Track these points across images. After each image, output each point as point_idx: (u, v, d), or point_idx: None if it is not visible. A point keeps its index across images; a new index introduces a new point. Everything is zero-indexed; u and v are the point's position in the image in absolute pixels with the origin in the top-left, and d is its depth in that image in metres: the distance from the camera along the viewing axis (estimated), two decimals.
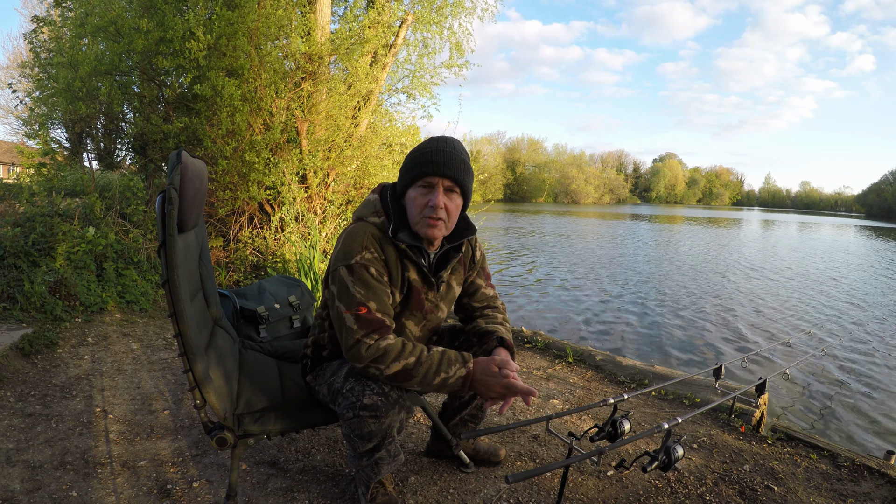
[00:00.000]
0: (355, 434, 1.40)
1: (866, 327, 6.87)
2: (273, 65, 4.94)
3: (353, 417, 1.37)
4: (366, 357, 1.31)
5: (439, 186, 1.38)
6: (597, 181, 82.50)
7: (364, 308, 1.34)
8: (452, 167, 1.38)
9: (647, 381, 2.93)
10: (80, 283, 3.47)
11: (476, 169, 1.51)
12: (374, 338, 1.32)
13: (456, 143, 1.42)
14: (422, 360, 1.33)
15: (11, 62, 16.54)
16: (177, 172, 1.27)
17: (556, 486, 1.80)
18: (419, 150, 1.42)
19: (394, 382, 1.36)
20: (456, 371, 1.34)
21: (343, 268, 1.38)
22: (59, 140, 6.29)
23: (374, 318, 1.34)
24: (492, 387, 1.34)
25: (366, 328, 1.33)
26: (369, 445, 1.43)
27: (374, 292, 1.36)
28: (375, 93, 5.75)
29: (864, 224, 49.97)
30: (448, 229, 1.46)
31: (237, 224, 5.15)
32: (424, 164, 1.38)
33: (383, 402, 1.36)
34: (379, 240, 1.42)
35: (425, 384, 1.34)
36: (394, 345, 1.33)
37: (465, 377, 1.35)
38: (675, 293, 8.52)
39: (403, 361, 1.32)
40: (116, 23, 4.45)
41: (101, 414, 2.16)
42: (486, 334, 1.57)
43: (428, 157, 1.38)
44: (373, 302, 1.35)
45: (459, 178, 1.39)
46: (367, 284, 1.36)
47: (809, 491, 1.88)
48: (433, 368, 1.33)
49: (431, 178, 1.38)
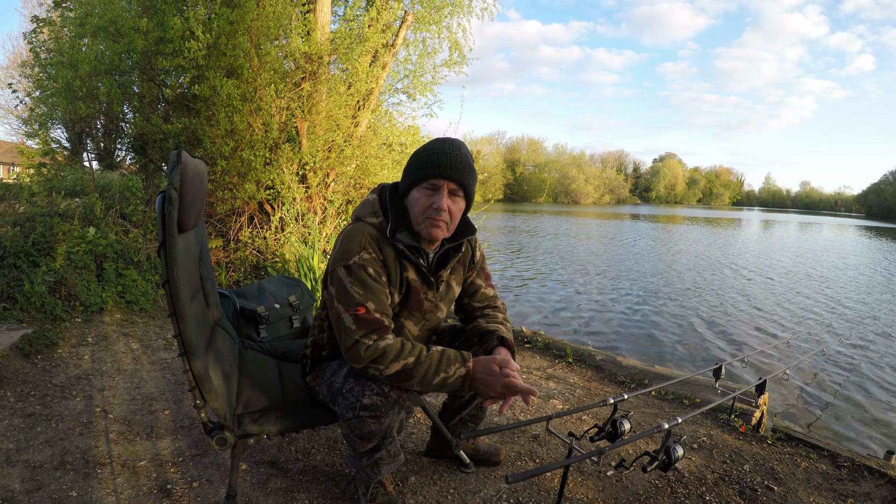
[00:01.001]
0: (355, 434, 1.40)
1: (867, 327, 6.87)
2: (273, 65, 4.94)
3: (353, 418, 1.37)
4: (364, 357, 1.31)
5: (444, 189, 1.39)
6: (597, 181, 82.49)
7: (362, 308, 1.34)
8: (458, 170, 1.38)
9: (647, 381, 2.93)
10: (80, 283, 3.47)
11: (476, 169, 1.51)
12: (373, 338, 1.32)
13: (462, 146, 1.42)
14: (421, 360, 1.33)
15: (11, 62, 16.55)
16: (177, 172, 1.27)
17: (556, 486, 1.80)
18: (425, 152, 1.41)
19: (393, 383, 1.35)
20: (456, 370, 1.34)
21: (341, 268, 1.38)
22: (59, 140, 6.29)
23: (373, 319, 1.34)
24: (492, 386, 1.34)
25: (364, 328, 1.33)
26: (369, 445, 1.43)
27: (372, 292, 1.36)
28: (375, 92, 5.75)
29: (864, 224, 49.96)
30: (450, 231, 1.46)
31: (237, 224, 5.14)
32: (430, 166, 1.38)
33: (383, 402, 1.36)
34: (377, 240, 1.42)
35: (425, 384, 1.34)
36: (392, 345, 1.33)
37: (465, 376, 1.34)
38: (676, 293, 8.52)
39: (403, 361, 1.32)
40: (116, 22, 4.45)
41: (101, 414, 2.16)
42: (486, 334, 1.57)
43: (434, 158, 1.38)
44: (371, 302, 1.35)
45: (464, 182, 1.40)
46: (366, 285, 1.36)
47: (809, 491, 1.88)
48: (433, 368, 1.33)
49: (437, 180, 1.38)
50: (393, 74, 6.14)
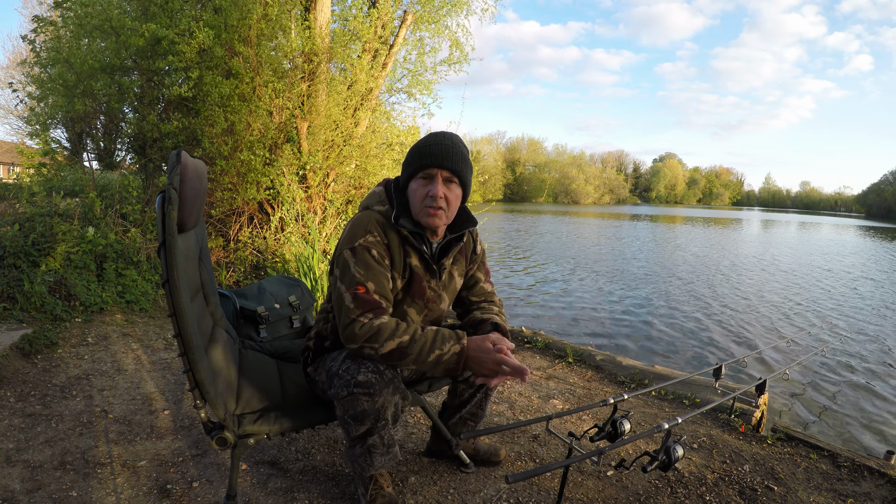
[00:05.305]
0: (349, 415, 1.40)
1: (867, 327, 6.87)
2: (272, 65, 4.93)
3: (347, 395, 1.37)
4: (360, 336, 1.33)
5: (438, 177, 1.44)
6: (597, 181, 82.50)
7: (362, 288, 1.38)
8: (450, 158, 1.43)
9: (647, 381, 2.93)
10: (80, 283, 3.47)
11: (476, 169, 1.51)
12: (369, 317, 1.35)
13: (454, 137, 1.48)
14: (416, 338, 1.35)
15: (11, 62, 16.56)
16: (176, 172, 1.27)
17: (556, 486, 1.80)
18: (419, 145, 1.47)
19: (389, 362, 1.37)
20: (450, 348, 1.36)
21: (347, 250, 1.43)
22: (59, 140, 6.28)
23: (371, 299, 1.37)
24: (484, 363, 1.35)
25: (362, 308, 1.36)
26: (362, 429, 1.42)
27: (373, 273, 1.40)
28: (375, 92, 5.75)
29: (864, 224, 49.95)
30: (449, 219, 1.51)
31: (237, 224, 5.14)
32: (423, 157, 1.44)
33: (377, 379, 1.37)
34: (383, 225, 1.47)
35: (420, 362, 1.35)
36: (387, 324, 1.35)
37: (460, 353, 1.36)
38: (675, 293, 8.52)
39: (397, 340, 1.34)
40: (111, 21, 4.44)
41: (101, 414, 2.16)
42: (480, 322, 1.60)
43: (427, 149, 1.44)
44: (371, 283, 1.39)
45: (457, 169, 1.45)
46: (368, 266, 1.40)
47: (809, 491, 1.88)
48: (427, 346, 1.35)
49: (431, 169, 1.44)
50: (392, 74, 6.14)
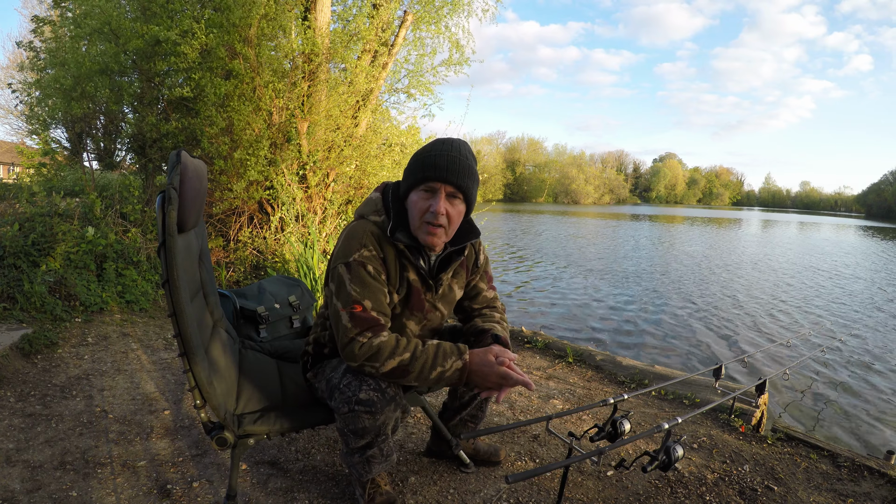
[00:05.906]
0: (349, 429, 1.40)
1: (867, 327, 6.86)
2: (273, 65, 4.93)
3: (349, 412, 1.36)
4: (360, 355, 1.31)
5: (441, 192, 1.35)
6: (597, 181, 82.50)
7: (359, 306, 1.33)
8: (456, 173, 1.34)
9: (647, 381, 2.93)
10: (80, 283, 3.47)
11: (478, 170, 1.48)
12: (368, 335, 1.31)
13: (462, 147, 1.38)
14: (417, 356, 1.32)
15: (11, 62, 16.56)
16: (176, 172, 1.27)
17: (556, 486, 1.80)
18: (424, 153, 1.38)
19: (390, 379, 1.35)
20: (452, 364, 1.33)
21: (342, 265, 1.38)
22: (59, 140, 6.29)
23: (369, 317, 1.33)
24: (488, 377, 1.32)
25: (360, 326, 1.32)
26: (362, 442, 1.42)
27: (370, 290, 1.36)
28: (375, 92, 5.75)
29: (864, 224, 49.94)
30: (448, 236, 1.43)
31: (237, 224, 5.14)
32: (427, 168, 1.35)
33: (379, 398, 1.35)
34: (378, 238, 1.41)
35: (422, 379, 1.33)
36: (387, 342, 1.32)
37: (462, 369, 1.33)
38: (675, 293, 8.51)
39: (398, 358, 1.31)
40: (111, 23, 4.44)
41: (101, 414, 2.15)
42: (481, 332, 1.57)
43: (431, 160, 1.35)
44: (368, 300, 1.35)
45: (463, 185, 1.36)
46: (364, 282, 1.36)
47: (809, 491, 1.88)
48: (429, 363, 1.32)
49: (434, 182, 1.35)
50: (392, 75, 6.13)
